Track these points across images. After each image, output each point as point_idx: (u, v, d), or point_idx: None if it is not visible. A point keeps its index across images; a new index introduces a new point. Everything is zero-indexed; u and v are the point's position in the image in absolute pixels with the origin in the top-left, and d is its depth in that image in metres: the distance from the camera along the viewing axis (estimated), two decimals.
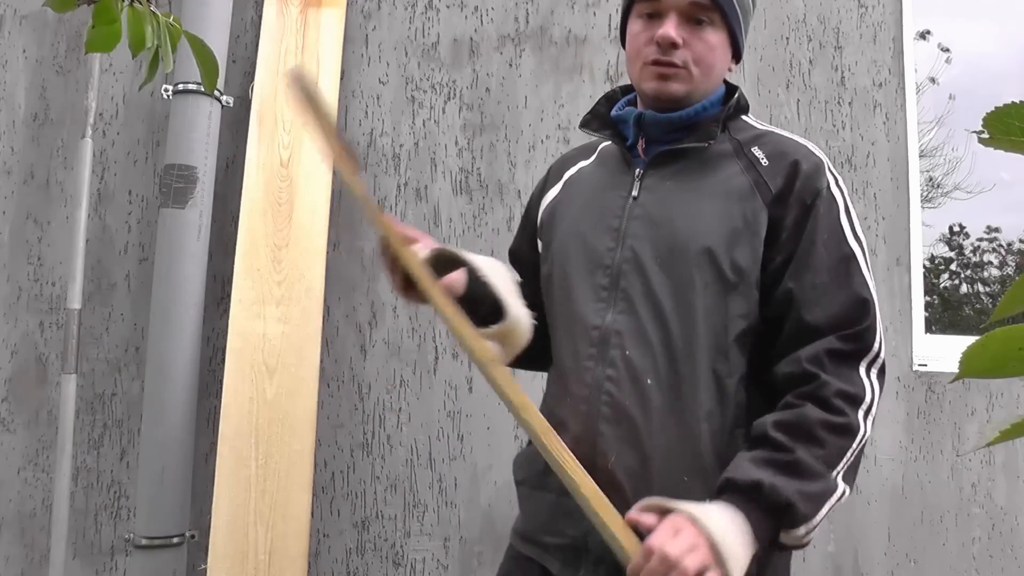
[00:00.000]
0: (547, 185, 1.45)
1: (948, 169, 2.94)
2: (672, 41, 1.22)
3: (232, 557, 1.81)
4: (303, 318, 2.00)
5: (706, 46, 1.25)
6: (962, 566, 2.32)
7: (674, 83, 1.25)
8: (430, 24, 2.36)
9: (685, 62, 1.24)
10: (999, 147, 0.50)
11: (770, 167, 1.21)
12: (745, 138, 1.26)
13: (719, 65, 1.28)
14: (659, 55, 1.24)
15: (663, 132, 1.28)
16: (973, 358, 0.50)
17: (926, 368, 2.38)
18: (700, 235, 1.19)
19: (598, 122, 1.36)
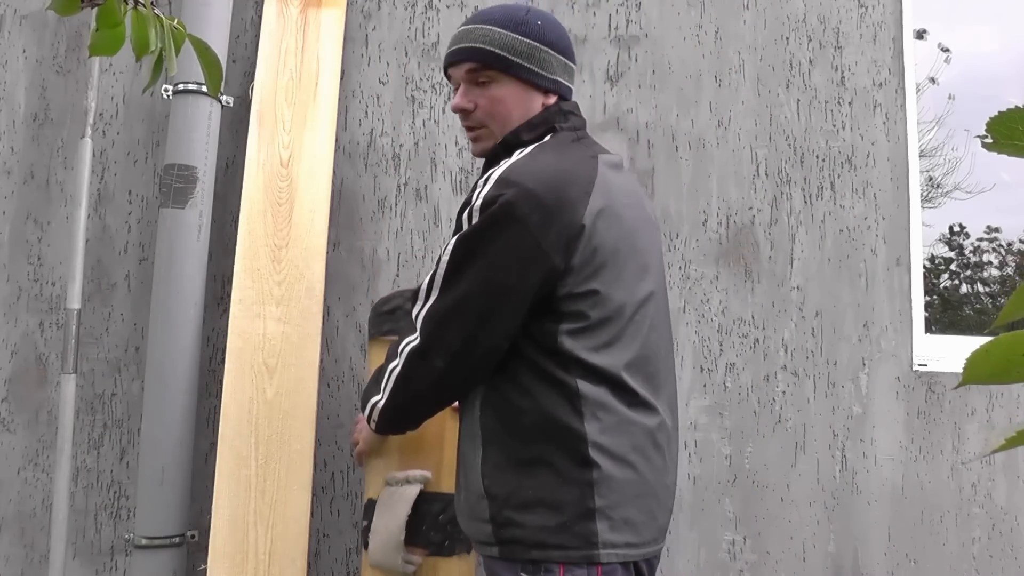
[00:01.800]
0: None
1: (948, 169, 2.94)
2: (461, 108, 1.46)
3: (232, 557, 1.81)
4: (303, 318, 2.00)
5: (493, 101, 1.44)
6: (962, 566, 2.32)
7: (479, 143, 1.49)
8: (430, 24, 2.36)
9: (480, 122, 1.46)
10: (1003, 152, 0.50)
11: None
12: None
13: (516, 111, 1.45)
14: (463, 122, 1.49)
15: None
16: (977, 364, 0.50)
17: (926, 368, 2.38)
18: None
19: None
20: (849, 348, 2.35)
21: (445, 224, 2.27)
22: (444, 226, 2.27)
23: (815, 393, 2.32)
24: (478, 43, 1.43)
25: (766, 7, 2.47)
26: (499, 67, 1.43)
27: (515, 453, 1.36)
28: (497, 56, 1.42)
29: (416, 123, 2.31)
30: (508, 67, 1.43)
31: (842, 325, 2.36)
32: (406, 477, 1.92)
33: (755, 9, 2.47)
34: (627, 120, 2.35)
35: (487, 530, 1.36)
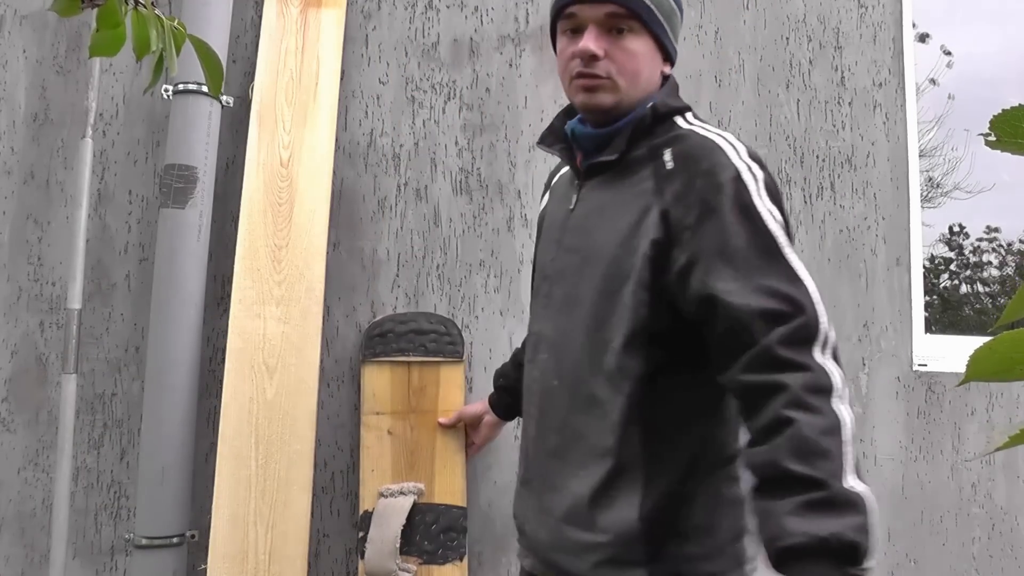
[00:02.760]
0: (543, 193, 1.59)
1: (948, 169, 2.94)
2: (592, 53, 1.25)
3: (232, 557, 1.81)
4: (303, 318, 2.00)
5: (627, 54, 1.27)
6: (962, 566, 2.32)
7: (600, 94, 1.27)
8: (430, 24, 2.36)
9: (608, 73, 1.26)
10: (1006, 150, 0.50)
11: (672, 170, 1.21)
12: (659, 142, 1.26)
13: (645, 71, 1.29)
14: (582, 68, 1.27)
15: (592, 145, 1.33)
16: (980, 361, 0.50)
17: (926, 368, 2.38)
18: (605, 244, 1.24)
19: (552, 136, 1.40)
20: (849, 348, 2.35)
21: (445, 224, 2.27)
22: (444, 226, 2.27)
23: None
24: None
25: (766, 7, 2.47)
26: (644, 18, 1.26)
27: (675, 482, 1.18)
28: (646, 7, 1.26)
29: (416, 123, 2.31)
30: (651, 21, 1.27)
31: (842, 325, 2.36)
32: (400, 489, 1.97)
33: (755, 9, 2.47)
34: None
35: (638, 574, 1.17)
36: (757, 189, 1.16)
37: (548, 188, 1.55)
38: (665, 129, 1.29)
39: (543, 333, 1.33)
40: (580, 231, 1.30)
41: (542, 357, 1.31)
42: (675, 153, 1.22)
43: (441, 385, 2.11)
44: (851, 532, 0.96)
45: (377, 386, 2.08)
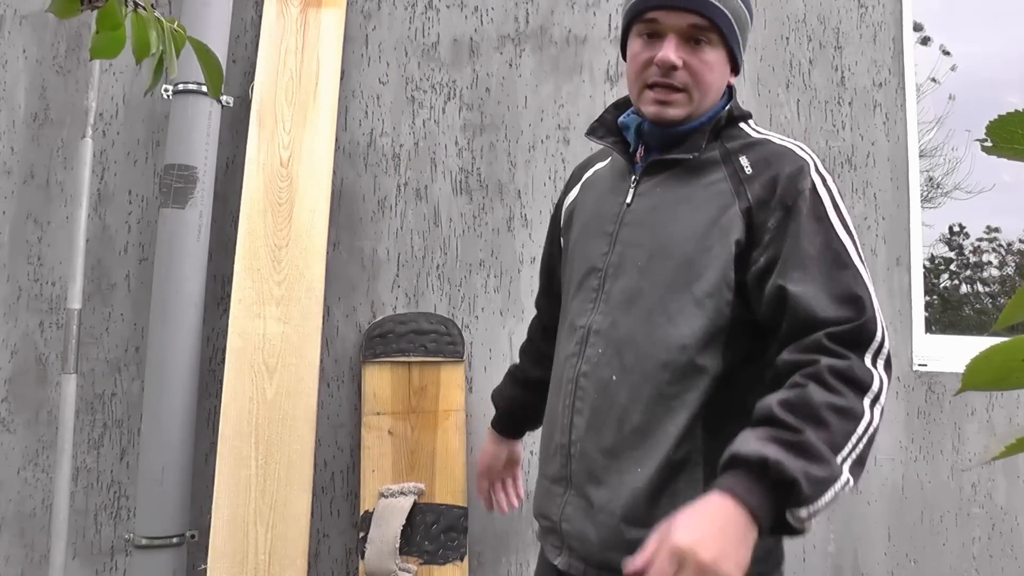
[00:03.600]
0: (569, 186, 1.53)
1: (948, 169, 2.94)
2: (671, 64, 1.24)
3: (232, 557, 1.82)
4: (303, 318, 2.00)
5: (705, 66, 1.27)
6: (962, 566, 2.32)
7: (672, 109, 1.28)
8: (430, 24, 2.36)
9: (685, 84, 1.26)
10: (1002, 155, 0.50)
11: (753, 175, 1.23)
12: (734, 146, 1.28)
13: (717, 83, 1.30)
14: (659, 77, 1.26)
15: (660, 142, 1.32)
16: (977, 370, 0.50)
17: (926, 368, 2.38)
18: (678, 241, 1.23)
19: (604, 129, 1.39)
20: None
21: (445, 224, 2.27)
22: (444, 226, 2.27)
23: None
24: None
25: (766, 7, 2.47)
26: (723, 31, 1.26)
27: None
28: (727, 19, 1.26)
29: (416, 123, 2.31)
30: (729, 35, 1.28)
31: None
32: (400, 489, 1.97)
33: (755, 9, 2.47)
34: None
35: None
36: (832, 200, 1.20)
37: (579, 181, 1.50)
38: (735, 134, 1.32)
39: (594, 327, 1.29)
40: (644, 226, 1.28)
41: (594, 351, 1.27)
42: (753, 159, 1.25)
43: (441, 385, 2.11)
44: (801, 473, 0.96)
45: (377, 386, 2.09)
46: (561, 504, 1.29)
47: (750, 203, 1.20)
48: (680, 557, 0.93)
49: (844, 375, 1.06)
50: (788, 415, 1.02)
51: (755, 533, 0.97)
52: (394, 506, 1.96)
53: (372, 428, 2.06)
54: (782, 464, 0.96)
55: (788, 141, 1.28)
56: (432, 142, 2.31)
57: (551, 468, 1.33)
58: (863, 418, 1.05)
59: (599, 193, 1.41)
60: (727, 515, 0.96)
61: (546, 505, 1.34)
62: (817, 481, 0.97)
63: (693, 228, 1.23)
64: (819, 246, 1.15)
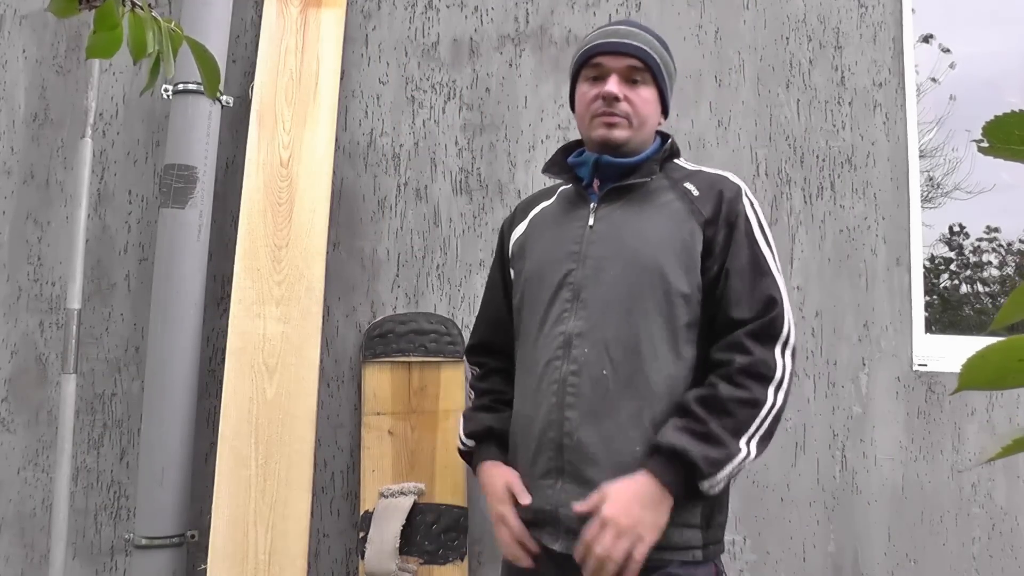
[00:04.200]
0: (515, 222, 1.72)
1: (948, 169, 2.94)
2: (614, 96, 1.51)
3: (232, 557, 1.82)
4: (303, 318, 2.00)
5: (641, 100, 1.54)
6: (962, 566, 2.32)
7: (617, 130, 1.53)
8: (430, 24, 2.36)
9: (626, 114, 1.52)
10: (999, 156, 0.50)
11: (700, 196, 1.50)
12: (678, 176, 1.56)
13: (652, 118, 1.57)
14: (604, 107, 1.52)
15: (615, 173, 1.55)
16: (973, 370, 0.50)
17: (926, 368, 2.38)
18: (649, 251, 1.46)
19: (557, 167, 1.64)
20: (849, 348, 2.35)
21: (445, 224, 2.27)
22: (444, 226, 2.27)
23: (815, 393, 2.32)
24: (645, 46, 1.54)
25: (766, 7, 2.47)
26: (655, 73, 1.55)
27: None
28: (657, 64, 1.55)
29: (416, 123, 2.31)
30: (659, 76, 1.56)
31: (842, 325, 2.36)
32: (400, 489, 1.97)
33: (755, 9, 2.47)
34: None
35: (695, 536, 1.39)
36: (758, 220, 1.50)
37: (526, 218, 1.69)
38: (674, 167, 1.59)
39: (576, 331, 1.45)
40: (612, 242, 1.50)
41: (580, 352, 1.44)
42: (697, 184, 1.52)
43: (441, 385, 2.11)
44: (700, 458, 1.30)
45: (377, 386, 2.09)
46: (555, 493, 1.43)
47: (705, 217, 1.47)
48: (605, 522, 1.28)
49: (749, 371, 1.36)
50: (700, 408, 1.34)
51: (670, 501, 1.32)
52: (394, 506, 1.95)
53: (372, 428, 2.06)
54: (688, 451, 1.30)
55: (719, 170, 1.57)
56: (432, 142, 2.31)
57: (539, 465, 1.47)
58: (765, 403, 1.35)
59: (552, 224, 1.62)
60: (644, 489, 1.31)
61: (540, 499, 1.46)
62: (713, 461, 1.31)
63: (660, 240, 1.46)
64: (747, 258, 1.44)
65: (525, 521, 1.48)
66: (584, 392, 1.42)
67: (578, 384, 1.43)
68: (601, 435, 1.40)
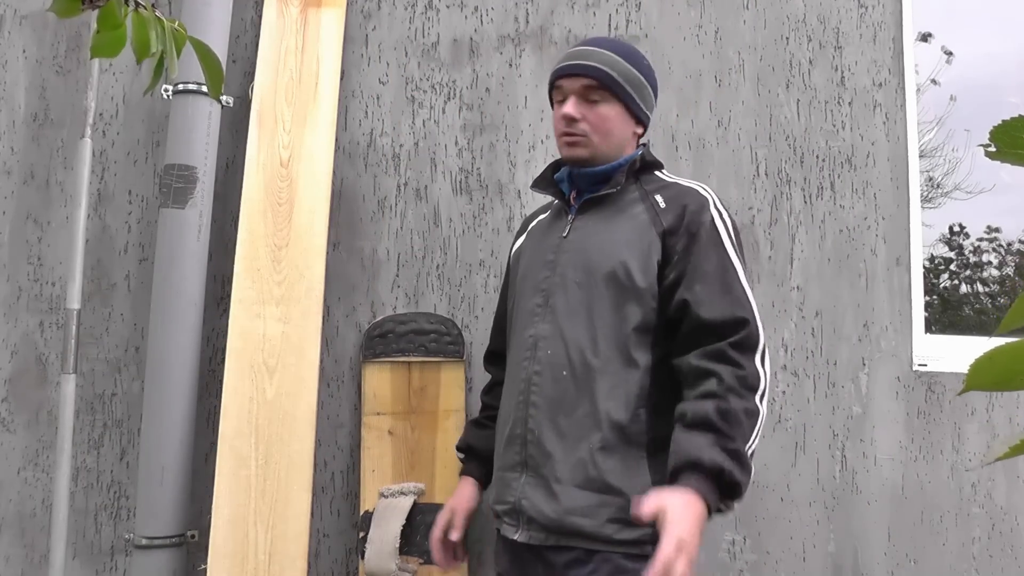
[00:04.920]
0: (517, 236, 1.84)
1: (948, 169, 2.94)
2: (570, 116, 1.58)
3: (232, 557, 1.81)
4: (303, 318, 2.00)
5: (600, 117, 1.59)
6: (962, 566, 2.32)
7: (577, 148, 1.60)
8: (430, 24, 2.36)
9: (584, 131, 1.59)
10: (1005, 160, 0.49)
11: (666, 208, 1.55)
12: (651, 188, 1.61)
13: (617, 131, 1.62)
14: (565, 127, 1.60)
15: (588, 184, 1.64)
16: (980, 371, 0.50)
17: (926, 368, 2.38)
18: (607, 259, 1.53)
19: (544, 183, 1.72)
20: (849, 348, 2.35)
21: (445, 224, 2.27)
22: (444, 226, 2.27)
23: (815, 393, 2.32)
24: (600, 64, 1.59)
25: (766, 7, 2.47)
26: (612, 90, 1.59)
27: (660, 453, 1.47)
28: (614, 80, 1.58)
29: (416, 123, 2.31)
30: (619, 92, 1.60)
31: (842, 325, 2.36)
32: (400, 489, 1.98)
33: (755, 9, 2.47)
34: None
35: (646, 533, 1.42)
36: (726, 230, 1.54)
37: (525, 231, 1.81)
38: (651, 179, 1.64)
39: (542, 334, 1.56)
40: (579, 250, 1.58)
41: (544, 353, 1.54)
42: (666, 196, 1.58)
43: (441, 385, 2.11)
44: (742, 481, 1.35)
45: (377, 386, 2.09)
46: (519, 486, 1.53)
47: (664, 228, 1.52)
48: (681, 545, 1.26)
49: (746, 383, 1.40)
50: (723, 423, 1.36)
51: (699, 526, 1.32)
52: (394, 506, 1.96)
53: (372, 428, 2.06)
54: (733, 473, 1.34)
55: (693, 183, 1.62)
56: (432, 142, 2.31)
57: (507, 459, 1.58)
58: (759, 415, 1.41)
59: (540, 235, 1.72)
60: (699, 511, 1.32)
61: (502, 492, 1.58)
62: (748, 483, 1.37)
63: (619, 248, 1.53)
64: (714, 265, 1.49)
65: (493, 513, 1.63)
66: (546, 391, 1.52)
67: (540, 383, 1.53)
68: (559, 432, 1.50)
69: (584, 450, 1.47)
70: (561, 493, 1.47)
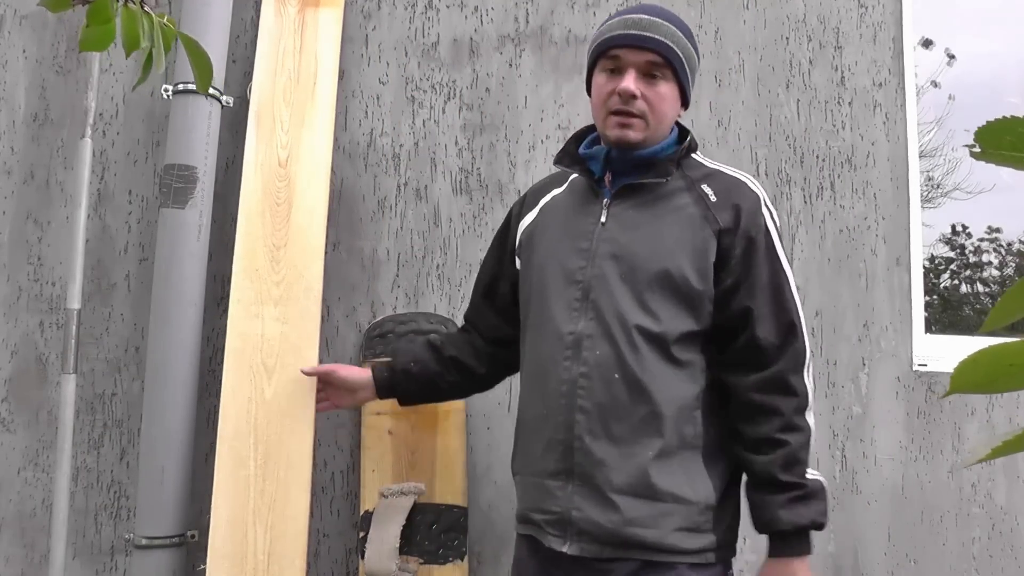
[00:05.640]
0: (524, 210, 1.70)
1: (948, 169, 2.93)
2: (631, 93, 1.45)
3: (231, 557, 1.81)
4: (301, 318, 2.00)
5: (659, 97, 1.48)
6: (962, 566, 2.32)
7: (631, 131, 1.48)
8: (430, 24, 2.36)
9: (642, 112, 1.47)
10: (990, 161, 0.50)
11: (718, 203, 1.47)
12: (696, 175, 1.52)
13: (670, 113, 1.52)
14: (620, 105, 1.47)
15: (627, 168, 1.52)
16: (965, 373, 0.50)
17: (926, 368, 2.38)
18: (657, 257, 1.44)
19: (569, 158, 1.60)
20: (849, 348, 2.35)
21: (445, 224, 2.27)
22: (444, 226, 2.27)
23: (815, 393, 2.31)
24: (667, 39, 1.46)
25: (766, 7, 2.47)
26: (675, 68, 1.48)
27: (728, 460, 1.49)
28: (678, 58, 1.48)
29: (416, 123, 2.31)
30: (681, 72, 1.49)
31: (842, 325, 2.36)
32: (400, 489, 1.98)
33: (755, 9, 2.47)
34: None
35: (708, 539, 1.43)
36: (777, 233, 1.49)
37: (536, 205, 1.67)
38: (692, 163, 1.55)
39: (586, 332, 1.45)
40: (622, 243, 1.47)
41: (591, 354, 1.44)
42: (715, 188, 1.49)
43: None
44: (819, 517, 1.41)
45: None
46: (565, 495, 1.43)
47: (720, 227, 1.45)
48: None
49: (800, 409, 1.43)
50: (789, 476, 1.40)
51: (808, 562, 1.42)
52: (394, 506, 1.96)
53: (372, 428, 2.06)
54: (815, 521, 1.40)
55: (738, 173, 1.54)
56: (432, 142, 2.31)
57: (546, 465, 1.47)
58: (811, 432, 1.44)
59: (563, 216, 1.59)
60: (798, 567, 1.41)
61: (543, 500, 1.48)
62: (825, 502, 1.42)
63: (672, 245, 1.44)
64: (768, 275, 1.45)
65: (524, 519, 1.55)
66: (596, 395, 1.42)
67: (589, 387, 1.43)
68: (611, 438, 1.41)
69: (641, 456, 1.40)
70: (619, 503, 1.40)
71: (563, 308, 1.49)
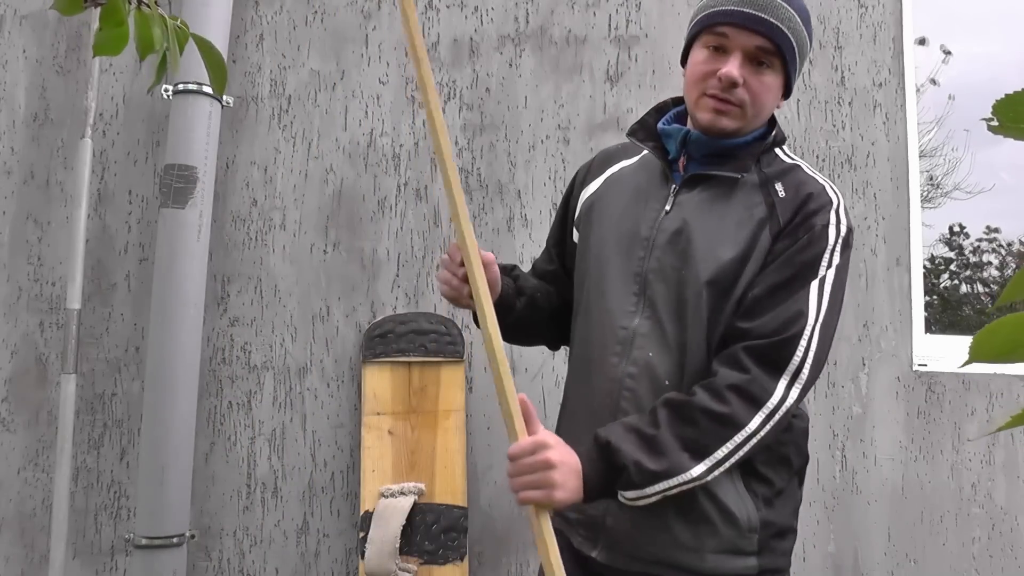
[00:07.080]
0: (589, 176, 1.53)
1: (948, 169, 2.94)
2: (734, 81, 1.29)
3: None
4: None
5: (764, 87, 1.32)
6: (962, 566, 2.32)
7: (726, 119, 1.32)
8: (430, 24, 2.36)
9: (742, 101, 1.31)
10: (1008, 135, 0.49)
11: (784, 199, 1.31)
12: (772, 172, 1.35)
13: (770, 105, 1.36)
14: (719, 91, 1.31)
15: (705, 153, 1.37)
16: (983, 343, 0.50)
17: (926, 368, 2.38)
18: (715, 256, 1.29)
19: (644, 132, 1.44)
20: (849, 348, 2.35)
21: (445, 224, 2.27)
22: (444, 226, 2.27)
23: (815, 393, 2.32)
24: (784, 24, 1.30)
25: None
26: (787, 58, 1.32)
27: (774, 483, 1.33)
28: (792, 48, 1.32)
29: (416, 123, 2.31)
30: (790, 61, 1.34)
31: (842, 325, 2.36)
32: (400, 489, 1.98)
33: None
34: (627, 120, 2.35)
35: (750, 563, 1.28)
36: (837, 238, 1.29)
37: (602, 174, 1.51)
38: (771, 159, 1.38)
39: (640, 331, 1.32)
40: (685, 237, 1.32)
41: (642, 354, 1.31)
42: (787, 185, 1.33)
43: (441, 385, 2.11)
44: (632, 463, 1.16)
45: (377, 386, 2.09)
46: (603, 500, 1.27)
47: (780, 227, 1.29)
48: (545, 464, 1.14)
49: (738, 388, 1.19)
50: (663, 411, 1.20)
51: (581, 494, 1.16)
52: (394, 506, 1.95)
53: (372, 428, 2.06)
54: (620, 452, 1.17)
55: (820, 176, 1.35)
56: (432, 142, 2.30)
57: None
58: (745, 427, 1.18)
59: (628, 194, 1.43)
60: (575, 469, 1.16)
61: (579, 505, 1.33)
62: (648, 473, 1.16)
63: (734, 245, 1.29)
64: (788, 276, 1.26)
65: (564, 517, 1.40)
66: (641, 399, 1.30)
67: (635, 388, 1.31)
68: None
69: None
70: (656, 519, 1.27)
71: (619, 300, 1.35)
